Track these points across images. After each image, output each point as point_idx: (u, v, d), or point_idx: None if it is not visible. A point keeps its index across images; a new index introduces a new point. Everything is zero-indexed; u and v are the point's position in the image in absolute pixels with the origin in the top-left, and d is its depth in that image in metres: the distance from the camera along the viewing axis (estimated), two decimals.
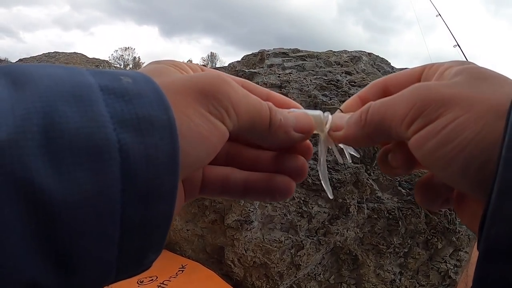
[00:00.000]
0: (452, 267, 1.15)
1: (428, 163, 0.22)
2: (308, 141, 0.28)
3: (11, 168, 0.15)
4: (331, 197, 0.32)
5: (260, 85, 0.29)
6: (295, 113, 0.27)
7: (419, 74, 0.27)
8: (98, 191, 0.16)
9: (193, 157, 0.21)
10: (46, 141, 0.15)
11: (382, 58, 1.20)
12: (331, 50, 1.15)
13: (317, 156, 0.31)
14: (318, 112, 0.28)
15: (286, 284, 1.02)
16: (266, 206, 0.95)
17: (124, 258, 0.18)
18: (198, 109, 0.21)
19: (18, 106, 0.16)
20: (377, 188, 1.03)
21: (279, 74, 1.02)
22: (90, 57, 3.52)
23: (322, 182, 0.30)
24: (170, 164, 0.18)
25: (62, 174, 0.15)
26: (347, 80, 1.02)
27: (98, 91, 0.17)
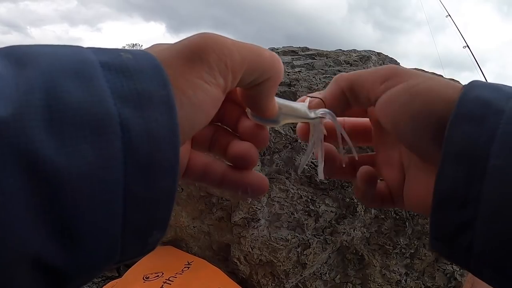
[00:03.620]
0: (458, 269, 1.15)
1: (399, 115, 0.26)
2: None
3: (16, 141, 0.15)
4: (321, 177, 0.34)
5: None
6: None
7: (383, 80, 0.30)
8: (101, 163, 0.16)
9: (189, 126, 0.21)
10: (49, 115, 0.16)
11: (391, 58, 1.19)
12: (341, 49, 1.14)
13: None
14: (300, 104, 0.30)
15: (292, 282, 1.02)
16: (273, 205, 0.95)
17: (129, 234, 0.18)
18: (191, 80, 0.21)
19: (21, 83, 0.16)
20: None
21: (288, 73, 1.02)
22: None
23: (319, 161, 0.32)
24: (171, 138, 0.18)
25: (65, 147, 0.16)
26: None
27: (98, 67, 0.18)
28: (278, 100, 0.28)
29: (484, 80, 0.26)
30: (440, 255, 0.26)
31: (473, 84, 0.25)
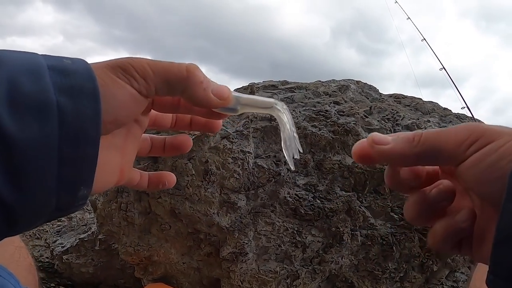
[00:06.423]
0: None
1: (483, 177, 0.26)
2: (220, 121, 0.38)
3: None
4: (292, 168, 0.37)
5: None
6: (218, 84, 0.33)
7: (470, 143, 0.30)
8: (43, 133, 0.24)
9: (113, 114, 0.28)
10: (10, 98, 0.23)
11: (370, 86, 1.22)
12: (320, 81, 1.17)
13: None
14: (268, 99, 0.35)
15: None
16: (260, 238, 0.97)
17: (62, 187, 0.26)
18: (109, 75, 0.28)
19: None
20: (370, 215, 1.04)
21: None
22: None
23: (284, 153, 0.36)
24: (94, 117, 0.26)
25: (18, 120, 0.23)
26: (335, 110, 1.04)
27: (46, 69, 0.25)
28: (238, 94, 0.34)
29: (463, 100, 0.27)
30: None
31: None
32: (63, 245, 1.40)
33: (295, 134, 0.34)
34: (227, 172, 0.95)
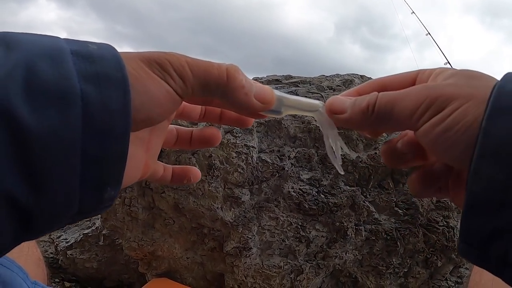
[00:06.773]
0: (453, 284, 1.15)
1: (436, 146, 0.26)
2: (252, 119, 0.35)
3: (0, 103, 0.19)
4: (341, 172, 0.35)
5: None
6: (261, 84, 0.30)
7: (414, 78, 0.31)
8: (63, 125, 0.21)
9: (145, 111, 0.25)
10: (26, 86, 0.20)
11: None
12: (324, 75, 1.17)
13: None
14: (313, 101, 0.33)
15: None
16: (264, 233, 0.96)
17: (85, 186, 0.22)
18: (144, 69, 0.25)
19: (8, 62, 0.21)
20: (374, 210, 1.04)
21: None
22: None
23: (330, 158, 0.34)
24: (122, 110, 0.23)
25: (36, 110, 0.20)
26: None
27: (69, 54, 0.22)
28: (281, 95, 0.31)
29: None
30: (469, 261, 0.26)
31: (509, 76, 0.24)
32: (67, 240, 1.40)
33: (339, 140, 0.33)
34: (231, 166, 0.94)
